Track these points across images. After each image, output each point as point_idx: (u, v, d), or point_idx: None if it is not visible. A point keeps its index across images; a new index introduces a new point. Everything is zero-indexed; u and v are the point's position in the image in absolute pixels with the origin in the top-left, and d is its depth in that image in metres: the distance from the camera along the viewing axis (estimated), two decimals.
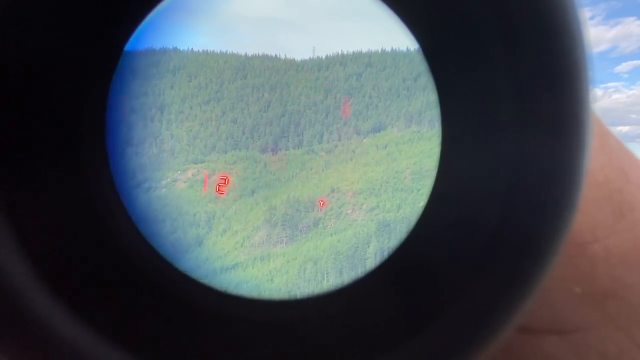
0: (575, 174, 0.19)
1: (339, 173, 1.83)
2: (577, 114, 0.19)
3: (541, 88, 0.19)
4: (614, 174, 0.31)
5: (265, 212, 1.36)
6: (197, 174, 0.87)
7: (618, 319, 0.31)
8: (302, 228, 1.49)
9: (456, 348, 0.20)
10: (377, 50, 1.27)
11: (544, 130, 0.19)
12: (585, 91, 0.19)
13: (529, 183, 0.19)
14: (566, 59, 0.18)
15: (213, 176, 1.14)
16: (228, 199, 1.14)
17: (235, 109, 1.34)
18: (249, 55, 1.23)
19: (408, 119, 1.58)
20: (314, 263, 1.40)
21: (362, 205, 1.51)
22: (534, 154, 0.19)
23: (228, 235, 1.24)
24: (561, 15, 0.18)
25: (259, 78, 1.29)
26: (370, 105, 1.64)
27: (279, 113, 1.64)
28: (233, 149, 1.44)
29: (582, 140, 0.19)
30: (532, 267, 0.19)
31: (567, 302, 0.31)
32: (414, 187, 1.17)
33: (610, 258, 0.30)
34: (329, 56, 1.39)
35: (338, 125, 1.72)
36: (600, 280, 0.30)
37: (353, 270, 1.10)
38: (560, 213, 0.19)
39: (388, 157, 1.66)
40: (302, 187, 1.73)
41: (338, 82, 1.43)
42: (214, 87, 1.18)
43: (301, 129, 1.61)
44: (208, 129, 1.18)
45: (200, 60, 1.01)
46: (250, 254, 1.32)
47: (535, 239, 0.19)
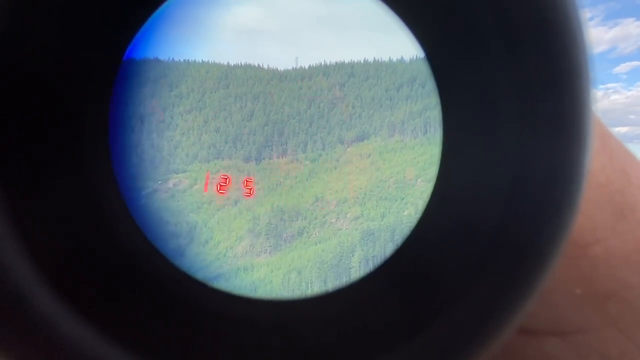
0: (576, 175, 0.20)
1: (323, 182, 1.83)
2: (578, 115, 0.19)
3: (542, 89, 0.19)
4: (615, 176, 0.32)
5: (248, 221, 1.35)
6: (178, 183, 0.86)
7: (619, 321, 0.31)
8: (286, 237, 1.48)
9: (456, 349, 0.20)
10: (360, 61, 1.29)
11: (545, 131, 0.19)
12: (586, 92, 0.19)
13: (529, 184, 0.19)
14: (567, 60, 0.19)
15: (195, 185, 1.13)
16: (210, 209, 1.12)
17: (218, 118, 1.33)
18: (232, 64, 1.23)
19: (391, 128, 1.60)
20: (298, 272, 1.39)
21: (347, 214, 1.51)
22: (534, 156, 0.19)
23: (210, 245, 1.23)
24: (562, 17, 0.19)
25: (242, 87, 1.28)
26: (353, 114, 1.65)
27: (262, 122, 1.64)
28: (216, 158, 1.42)
29: (583, 142, 0.19)
30: (532, 268, 0.19)
31: (568, 304, 0.31)
32: (397, 196, 1.18)
33: (611, 259, 0.31)
34: (312, 66, 1.40)
35: (322, 134, 1.73)
36: (601, 282, 0.31)
37: (337, 279, 1.09)
38: (561, 214, 0.19)
39: (372, 166, 1.67)
40: (286, 196, 1.72)
41: (321, 91, 1.44)
42: (196, 97, 1.17)
43: (285, 138, 1.61)
44: (190, 138, 1.17)
45: (181, 69, 1.01)
46: (233, 264, 1.30)
47: (536, 240, 0.19)
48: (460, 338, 0.19)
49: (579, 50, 0.18)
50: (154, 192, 1.02)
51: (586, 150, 0.20)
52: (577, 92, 0.19)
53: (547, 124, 0.19)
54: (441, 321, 0.20)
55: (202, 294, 0.23)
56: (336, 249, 1.39)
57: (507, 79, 0.19)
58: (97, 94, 0.21)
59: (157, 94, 0.73)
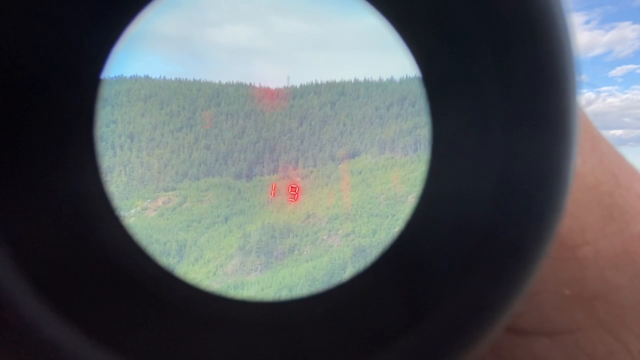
0: (562, 175, 0.20)
1: (314, 198, 1.83)
2: (563, 116, 0.19)
3: (528, 90, 0.19)
4: (605, 178, 0.32)
5: (239, 239, 1.34)
6: (167, 201, 0.85)
7: (607, 321, 0.31)
8: (278, 255, 1.47)
9: (445, 347, 0.20)
10: (350, 80, 1.31)
11: (531, 133, 0.19)
12: (572, 94, 0.19)
13: (516, 184, 0.19)
14: (553, 62, 0.19)
15: (185, 203, 1.12)
16: (200, 227, 1.11)
17: (209, 136, 1.33)
18: (224, 83, 1.24)
19: (382, 145, 1.62)
20: (290, 290, 1.37)
21: (338, 231, 1.51)
22: (521, 156, 0.19)
23: (200, 264, 1.21)
24: (548, 19, 0.19)
25: (234, 105, 1.29)
26: (344, 132, 1.67)
27: (254, 139, 1.65)
28: (206, 176, 1.42)
29: (569, 143, 0.19)
30: (519, 267, 0.19)
31: (557, 304, 0.31)
32: (389, 212, 1.18)
33: (599, 261, 0.31)
34: (304, 85, 1.42)
35: (314, 151, 1.74)
36: (589, 283, 0.31)
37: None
38: (547, 213, 0.19)
39: (363, 182, 1.68)
40: (277, 213, 1.71)
41: (313, 109, 1.46)
42: (187, 114, 1.18)
43: (276, 155, 1.62)
44: (180, 156, 1.17)
45: (172, 88, 1.01)
46: (223, 282, 1.28)
47: (523, 240, 0.19)
48: (448, 336, 0.19)
49: (565, 53, 0.19)
50: (143, 210, 1.01)
51: (572, 151, 0.20)
52: (563, 94, 0.19)
53: (533, 125, 0.19)
54: (430, 320, 0.19)
55: (191, 296, 0.22)
56: (328, 266, 1.38)
57: (494, 82, 0.20)
58: (81, 93, 0.21)
59: (147, 112, 0.74)
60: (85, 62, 0.20)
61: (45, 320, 0.19)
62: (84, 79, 0.21)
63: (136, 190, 0.79)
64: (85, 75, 0.21)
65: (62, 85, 0.21)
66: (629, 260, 0.30)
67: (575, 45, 0.20)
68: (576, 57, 0.20)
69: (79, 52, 0.20)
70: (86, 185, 0.21)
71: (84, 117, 0.21)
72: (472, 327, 0.19)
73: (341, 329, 0.21)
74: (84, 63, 0.20)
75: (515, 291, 0.19)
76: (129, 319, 0.21)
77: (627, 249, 0.30)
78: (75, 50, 0.20)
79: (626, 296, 0.30)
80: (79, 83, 0.21)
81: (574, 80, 0.19)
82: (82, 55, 0.20)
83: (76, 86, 0.21)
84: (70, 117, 0.21)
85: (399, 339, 0.19)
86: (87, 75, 0.21)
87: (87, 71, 0.21)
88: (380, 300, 0.21)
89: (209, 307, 0.22)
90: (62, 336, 0.19)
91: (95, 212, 0.21)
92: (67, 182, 0.21)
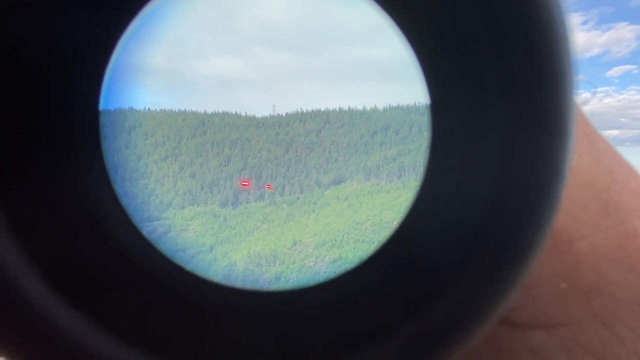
0: (558, 172, 0.20)
1: (300, 225, 1.82)
2: (560, 114, 0.20)
3: (525, 87, 0.20)
4: (601, 174, 0.32)
5: (224, 268, 1.31)
6: (151, 232, 0.83)
7: (602, 314, 0.31)
8: (264, 283, 1.44)
9: (441, 339, 0.20)
10: (335, 109, 1.34)
11: (528, 130, 0.20)
12: (568, 91, 0.20)
13: (514, 180, 0.20)
14: (550, 61, 0.20)
15: (169, 233, 1.10)
16: (185, 256, 1.09)
17: (194, 165, 1.33)
18: (209, 112, 1.25)
19: (367, 172, 1.64)
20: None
21: (325, 257, 1.50)
22: (519, 152, 0.20)
23: None
24: (548, 20, 0.20)
25: (219, 134, 1.30)
26: (330, 159, 1.69)
27: (240, 167, 1.65)
28: (191, 205, 1.40)
29: (565, 140, 0.20)
30: (515, 261, 0.20)
31: (553, 298, 0.31)
32: (375, 238, 1.15)
33: (595, 255, 0.31)
34: (289, 113, 1.44)
35: (299, 177, 1.75)
36: (585, 277, 0.31)
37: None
38: (543, 209, 0.20)
39: (349, 209, 1.68)
40: (263, 240, 1.70)
41: (298, 137, 1.47)
42: (172, 144, 1.18)
43: (262, 182, 1.62)
44: (164, 186, 1.16)
45: (157, 118, 1.01)
46: None
47: (518, 235, 0.20)
48: (444, 328, 0.19)
49: (563, 53, 0.20)
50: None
51: (568, 148, 0.21)
52: (560, 93, 0.20)
53: (531, 123, 0.20)
54: (426, 312, 0.20)
55: (197, 287, 0.22)
56: None
57: (494, 82, 0.20)
58: (86, 87, 0.21)
59: (131, 143, 0.73)
60: (91, 57, 0.21)
61: (56, 310, 0.19)
62: (89, 76, 0.21)
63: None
64: (91, 71, 0.21)
65: (68, 81, 0.21)
66: (623, 254, 0.31)
67: (573, 45, 0.20)
68: (574, 57, 0.21)
69: (84, 48, 0.21)
70: (94, 183, 0.21)
71: (88, 116, 0.21)
72: (469, 319, 0.19)
73: (341, 320, 0.21)
74: (89, 60, 0.21)
75: (511, 284, 0.19)
76: (136, 309, 0.20)
77: (622, 243, 0.31)
78: (81, 46, 0.21)
79: (620, 290, 0.31)
80: (84, 79, 0.21)
81: (572, 79, 0.20)
82: (87, 51, 0.21)
83: (81, 82, 0.21)
84: (75, 116, 0.21)
85: (396, 330, 0.20)
86: (92, 72, 0.21)
87: (92, 68, 0.21)
88: (378, 292, 0.21)
89: (210, 295, 0.22)
90: (72, 325, 0.19)
91: (104, 209, 0.21)
92: (76, 180, 0.21)
